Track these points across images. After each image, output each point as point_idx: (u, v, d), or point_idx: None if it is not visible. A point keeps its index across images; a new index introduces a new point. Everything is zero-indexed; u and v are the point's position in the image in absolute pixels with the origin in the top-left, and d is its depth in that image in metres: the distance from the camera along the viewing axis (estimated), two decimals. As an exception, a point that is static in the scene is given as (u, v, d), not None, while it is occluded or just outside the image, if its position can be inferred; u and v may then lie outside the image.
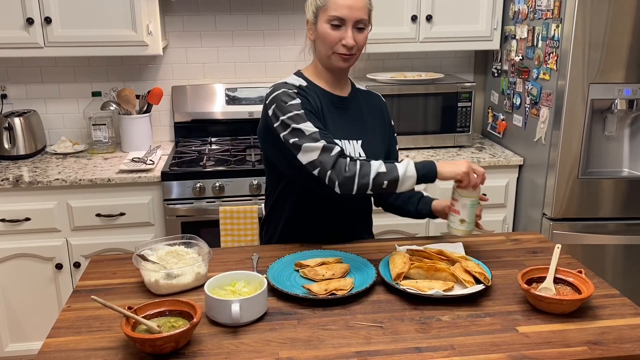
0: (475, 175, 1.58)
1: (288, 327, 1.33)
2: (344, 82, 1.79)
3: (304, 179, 1.65)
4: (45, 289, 2.62)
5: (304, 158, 1.58)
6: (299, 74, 1.77)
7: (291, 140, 1.60)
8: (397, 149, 1.94)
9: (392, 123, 1.92)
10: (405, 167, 1.55)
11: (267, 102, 1.69)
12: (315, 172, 1.58)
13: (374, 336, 1.30)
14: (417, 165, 1.57)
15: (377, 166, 1.56)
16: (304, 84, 1.72)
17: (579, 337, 1.29)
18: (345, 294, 1.43)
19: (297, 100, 1.63)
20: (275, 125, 1.63)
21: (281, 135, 1.62)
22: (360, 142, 1.76)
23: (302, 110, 1.62)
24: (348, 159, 1.57)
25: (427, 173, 1.56)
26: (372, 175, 1.54)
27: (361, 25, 1.65)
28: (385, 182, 1.55)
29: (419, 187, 1.78)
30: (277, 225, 1.83)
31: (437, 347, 1.25)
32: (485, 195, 1.69)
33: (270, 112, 1.66)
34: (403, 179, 1.55)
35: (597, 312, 1.39)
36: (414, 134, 2.91)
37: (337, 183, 1.56)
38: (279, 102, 1.64)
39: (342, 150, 1.59)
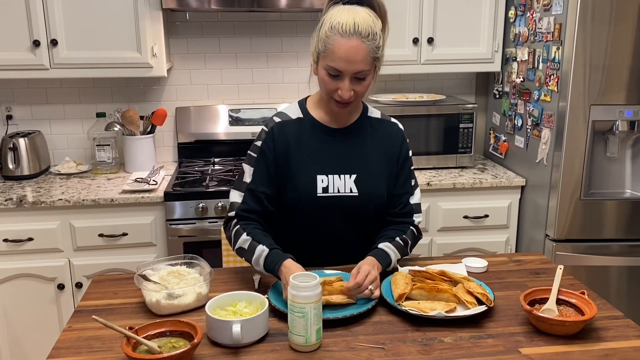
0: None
1: (289, 348, 1.33)
2: (347, 113, 1.71)
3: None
4: (47, 309, 2.61)
5: None
6: (302, 102, 1.77)
7: (237, 175, 1.76)
8: (413, 183, 1.77)
9: (410, 154, 1.78)
10: (259, 255, 1.59)
11: None
12: None
13: (375, 357, 1.29)
14: (268, 257, 1.57)
15: (243, 241, 1.63)
16: (296, 116, 1.72)
17: (582, 359, 1.28)
18: (345, 301, 1.47)
19: (259, 143, 1.71)
20: None
21: None
22: (354, 176, 1.69)
23: (256, 155, 1.70)
24: (235, 220, 1.68)
25: (271, 270, 1.57)
26: (235, 247, 1.67)
27: (361, 76, 1.57)
28: (244, 258, 1.65)
29: (424, 204, 1.77)
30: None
31: (439, 368, 1.24)
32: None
33: None
34: (255, 264, 1.62)
35: (600, 333, 1.38)
36: (416, 155, 2.87)
37: (226, 237, 1.73)
38: (257, 135, 1.74)
39: (238, 215, 1.68)
